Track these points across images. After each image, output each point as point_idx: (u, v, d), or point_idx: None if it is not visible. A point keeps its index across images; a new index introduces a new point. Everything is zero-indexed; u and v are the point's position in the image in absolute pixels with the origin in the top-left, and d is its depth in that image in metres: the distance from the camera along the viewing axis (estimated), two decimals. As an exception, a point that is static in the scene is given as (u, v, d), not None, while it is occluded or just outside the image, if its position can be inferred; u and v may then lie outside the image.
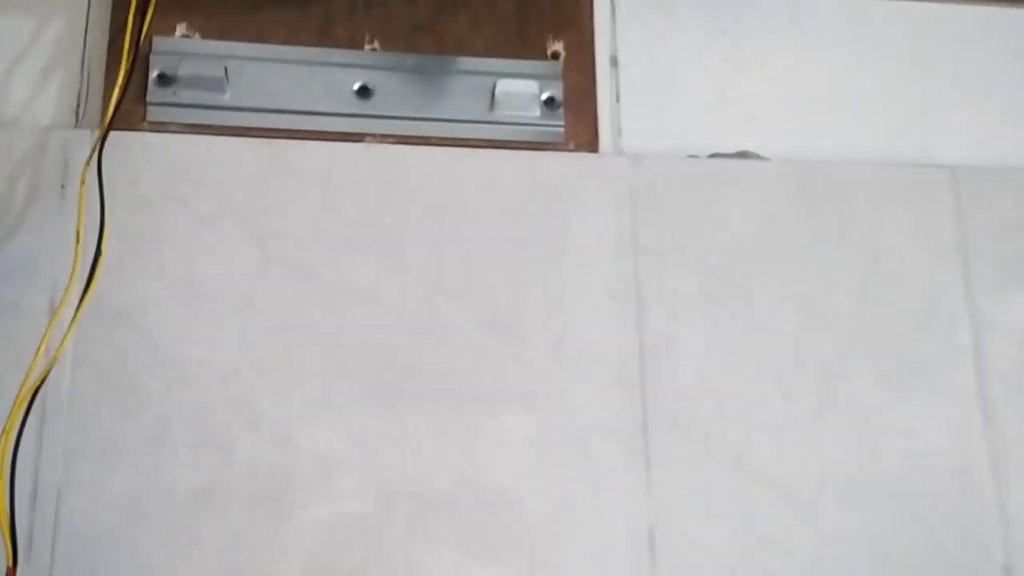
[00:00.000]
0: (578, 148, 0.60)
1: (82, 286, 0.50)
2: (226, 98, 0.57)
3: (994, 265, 0.61)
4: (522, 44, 0.61)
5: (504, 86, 0.58)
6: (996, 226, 0.62)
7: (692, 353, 0.57)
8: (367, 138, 0.58)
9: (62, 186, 0.54)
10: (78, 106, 0.56)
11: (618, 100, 0.62)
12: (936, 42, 0.65)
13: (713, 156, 0.61)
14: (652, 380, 0.56)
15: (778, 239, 0.60)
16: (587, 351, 0.56)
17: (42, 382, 0.49)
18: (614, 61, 0.62)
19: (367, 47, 0.59)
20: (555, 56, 0.61)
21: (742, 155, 0.62)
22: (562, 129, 0.60)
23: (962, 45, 0.65)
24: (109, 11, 0.57)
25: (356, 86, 0.58)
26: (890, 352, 0.59)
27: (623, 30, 0.63)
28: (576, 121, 0.60)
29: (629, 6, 0.63)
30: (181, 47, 0.57)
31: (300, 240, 0.56)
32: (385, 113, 0.58)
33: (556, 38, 0.61)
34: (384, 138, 0.58)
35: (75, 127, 0.56)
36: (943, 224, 0.61)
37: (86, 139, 0.54)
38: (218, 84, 0.56)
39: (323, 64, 0.58)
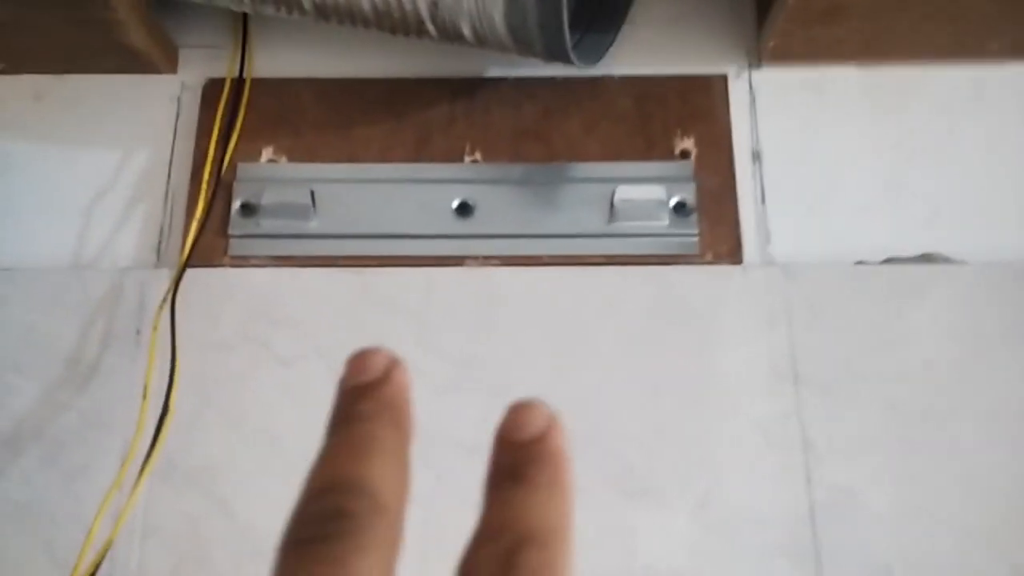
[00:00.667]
0: (717, 260, 0.50)
1: (147, 445, 0.44)
2: (312, 225, 0.51)
3: None
4: (645, 144, 0.52)
5: (625, 193, 0.50)
6: None
7: (879, 513, 0.45)
8: (468, 261, 0.50)
9: (137, 331, 0.49)
10: (159, 243, 0.52)
11: (763, 201, 0.52)
12: None
13: (888, 261, 0.50)
14: (829, 549, 0.44)
15: (983, 363, 0.47)
16: (742, 513, 0.45)
17: (104, 555, 0.43)
18: (756, 156, 0.53)
19: (467, 159, 0.52)
20: (684, 155, 0.52)
21: (926, 259, 0.50)
22: (696, 238, 0.50)
23: None
24: (194, 140, 0.53)
25: (455, 203, 0.51)
26: None
27: (766, 119, 0.53)
28: (713, 228, 0.50)
29: (772, 91, 0.54)
30: (266, 173, 0.52)
31: (393, 383, 0.48)
32: (488, 232, 0.51)
33: (685, 134, 0.53)
34: (488, 260, 0.50)
35: (155, 266, 0.51)
36: None
37: (165, 279, 0.50)
38: (304, 211, 0.51)
39: (419, 181, 0.52)
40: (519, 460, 0.18)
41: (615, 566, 0.45)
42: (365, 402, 0.19)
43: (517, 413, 0.19)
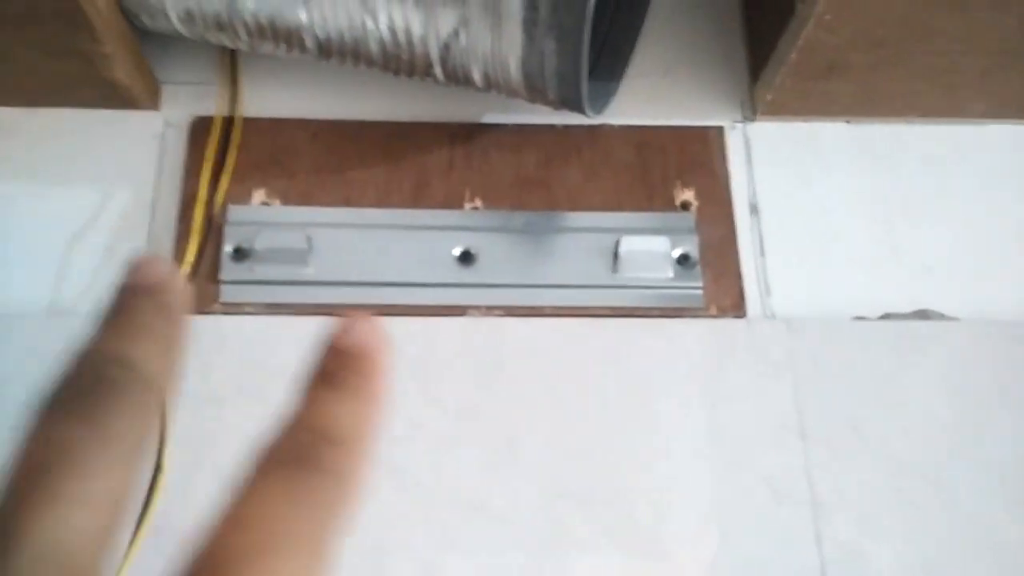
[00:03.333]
0: (721, 313, 0.50)
1: (139, 506, 0.42)
2: (309, 272, 0.49)
3: None
4: (646, 194, 0.52)
5: (629, 244, 0.49)
6: None
7: (888, 570, 0.45)
8: (470, 311, 0.49)
9: (120, 383, 0.46)
10: (143, 288, 0.49)
11: (763, 254, 0.52)
12: None
13: (885, 317, 0.51)
14: (839, 608, 0.44)
15: (981, 417, 0.48)
16: (752, 570, 0.45)
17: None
18: (754, 209, 0.53)
19: (468, 206, 0.51)
20: (685, 206, 0.52)
21: (921, 315, 0.51)
22: (701, 291, 0.50)
23: None
24: (180, 180, 0.51)
25: (457, 252, 0.50)
26: None
27: (761, 172, 0.54)
28: (716, 281, 0.50)
29: (767, 145, 0.54)
30: (259, 216, 0.50)
31: (394, 437, 0.46)
32: (490, 281, 0.50)
33: (685, 186, 0.53)
34: (490, 310, 0.49)
35: (138, 312, 0.48)
36: None
37: (149, 326, 0.47)
38: (300, 256, 0.49)
39: (418, 228, 0.50)
40: (337, 366, 0.19)
41: (628, 628, 0.44)
42: (139, 298, 0.19)
43: (350, 323, 0.19)
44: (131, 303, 0.19)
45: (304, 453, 0.18)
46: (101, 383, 0.17)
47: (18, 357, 0.46)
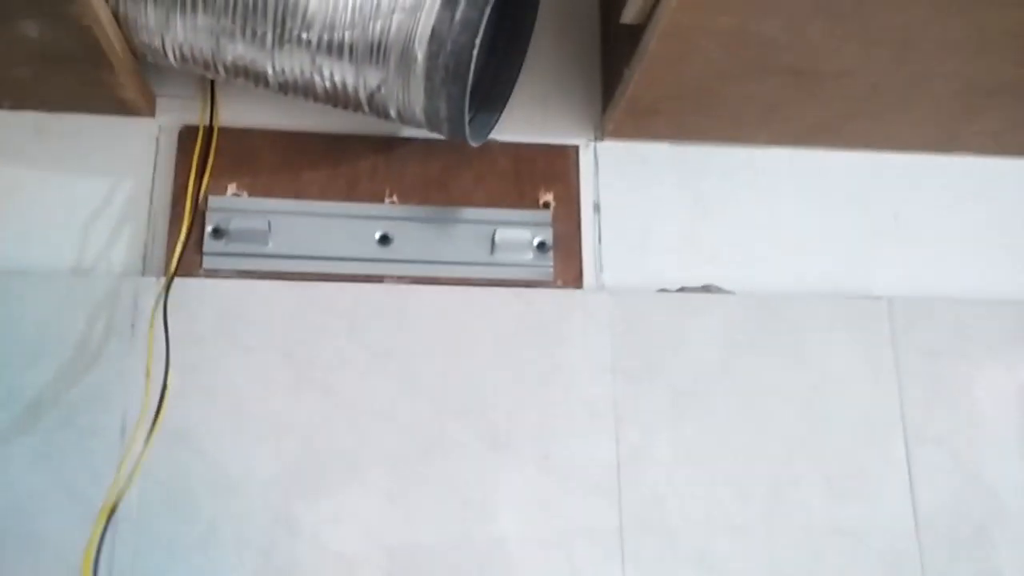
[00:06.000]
0: (565, 285, 0.70)
1: (151, 414, 0.61)
2: (269, 247, 0.68)
3: (924, 385, 0.70)
4: (518, 195, 0.72)
5: (502, 234, 0.69)
6: (927, 350, 0.71)
7: (662, 463, 0.67)
8: (386, 279, 0.69)
9: (132, 326, 0.64)
10: (144, 256, 0.67)
11: (600, 242, 0.72)
12: (878, 186, 0.76)
13: (681, 290, 0.72)
14: (627, 488, 0.66)
15: (738, 363, 0.70)
16: (571, 462, 0.66)
17: (120, 497, 0.59)
18: (597, 208, 0.73)
19: (387, 201, 0.70)
20: (546, 205, 0.72)
21: (707, 289, 0.72)
22: (551, 269, 0.70)
23: (899, 189, 0.76)
24: (172, 174, 0.69)
25: (378, 235, 0.69)
26: (834, 462, 0.68)
27: (605, 181, 0.74)
28: (563, 261, 0.71)
29: (610, 160, 0.74)
30: (232, 204, 0.68)
31: (329, 367, 0.66)
32: (402, 258, 0.69)
33: (547, 189, 0.72)
34: (401, 279, 0.69)
35: (142, 275, 0.66)
36: (881, 348, 0.71)
37: (152, 286, 0.65)
38: (262, 236, 0.67)
39: (350, 216, 0.69)
40: None
41: (485, 496, 0.65)
42: None
43: None
44: None
45: None
46: None
47: (54, 305, 0.64)
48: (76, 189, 0.68)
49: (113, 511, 0.57)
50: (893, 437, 0.69)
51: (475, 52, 0.58)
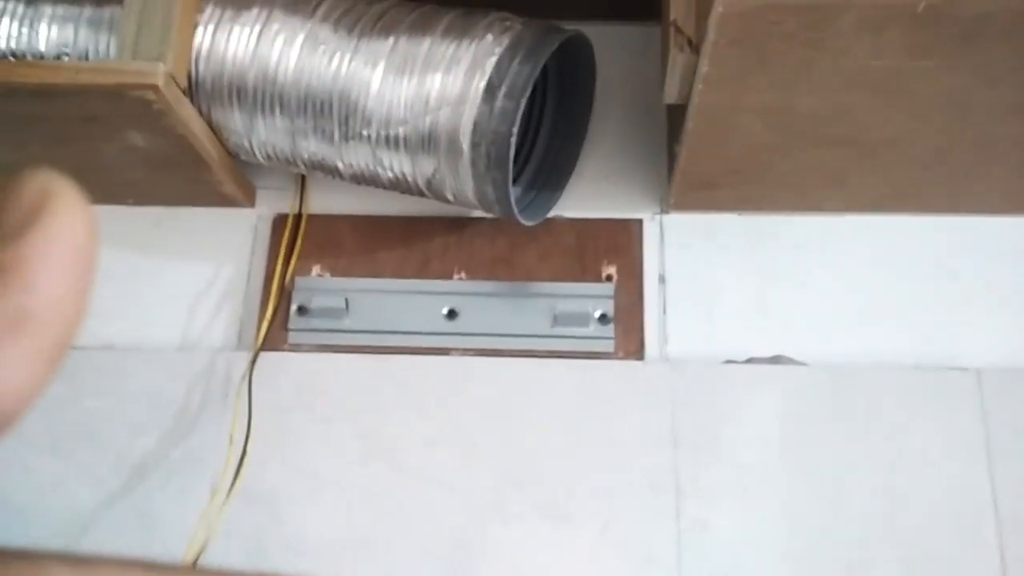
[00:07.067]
0: (627, 356, 0.71)
1: (231, 477, 0.67)
2: (346, 323, 0.73)
3: (1019, 464, 0.65)
4: (581, 269, 0.74)
5: (564, 306, 0.71)
6: (1021, 426, 0.66)
7: (725, 539, 0.65)
8: (452, 352, 0.72)
9: (224, 396, 0.71)
10: (240, 332, 0.74)
11: (665, 313, 0.73)
12: (961, 252, 0.72)
13: (749, 361, 0.71)
14: (688, 563, 0.65)
15: (808, 437, 0.68)
16: (630, 535, 0.66)
17: (203, 550, 0.65)
18: (662, 279, 0.74)
19: (455, 277, 0.74)
20: (609, 278, 0.73)
21: (777, 360, 0.70)
22: (612, 340, 0.71)
23: (986, 254, 0.71)
24: (265, 258, 0.76)
25: (445, 310, 0.73)
26: (914, 546, 0.64)
27: (670, 253, 0.74)
28: (625, 333, 0.71)
29: (676, 232, 0.75)
30: (316, 284, 0.75)
31: (396, 438, 0.70)
32: (468, 331, 0.72)
33: (611, 263, 0.74)
34: (466, 351, 0.72)
35: (236, 349, 0.74)
36: (969, 423, 0.67)
37: (243, 359, 0.72)
38: (340, 313, 0.73)
39: (420, 293, 0.74)
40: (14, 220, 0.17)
41: (543, 568, 0.66)
42: None
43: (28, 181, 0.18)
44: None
45: None
46: None
47: (161, 377, 0.72)
48: (186, 274, 0.77)
49: (194, 566, 0.63)
50: (983, 521, 0.64)
51: (512, 140, 0.61)
